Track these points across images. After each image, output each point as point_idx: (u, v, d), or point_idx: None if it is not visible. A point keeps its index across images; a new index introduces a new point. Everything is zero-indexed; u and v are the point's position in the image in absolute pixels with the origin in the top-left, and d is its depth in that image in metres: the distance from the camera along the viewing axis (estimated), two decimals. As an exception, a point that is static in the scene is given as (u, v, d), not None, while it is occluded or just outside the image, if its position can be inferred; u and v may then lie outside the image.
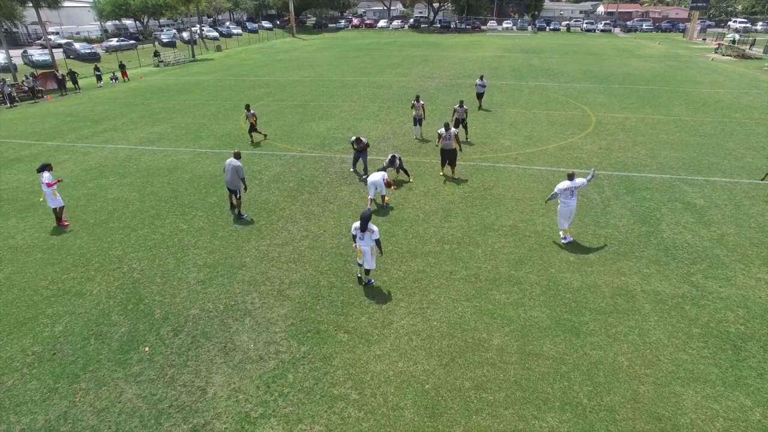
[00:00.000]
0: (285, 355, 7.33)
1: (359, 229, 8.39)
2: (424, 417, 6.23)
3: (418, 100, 17.42)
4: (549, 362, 7.11)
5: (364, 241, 8.43)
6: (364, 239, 8.41)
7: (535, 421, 6.14)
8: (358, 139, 13.86)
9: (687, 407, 6.31)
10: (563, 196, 10.03)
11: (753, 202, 12.37)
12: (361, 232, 8.37)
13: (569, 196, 10.00)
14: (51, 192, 11.29)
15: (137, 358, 7.36)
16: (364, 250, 8.48)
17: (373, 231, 8.35)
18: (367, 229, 8.32)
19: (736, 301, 8.42)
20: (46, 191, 11.29)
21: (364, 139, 14.02)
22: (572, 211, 10.19)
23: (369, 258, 8.53)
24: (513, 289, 8.83)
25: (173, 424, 6.20)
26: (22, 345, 7.66)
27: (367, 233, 8.35)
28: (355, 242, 8.58)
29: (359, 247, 8.50)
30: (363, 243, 8.44)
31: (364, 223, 8.32)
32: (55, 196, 11.41)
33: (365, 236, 8.38)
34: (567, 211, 10.15)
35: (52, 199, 11.40)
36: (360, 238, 8.43)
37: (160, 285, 9.21)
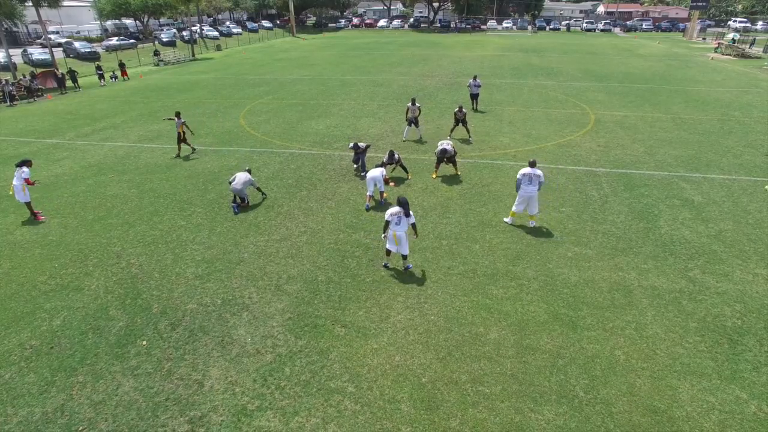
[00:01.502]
0: (282, 348, 7.34)
1: (401, 214, 8.59)
2: (421, 410, 6.24)
3: (414, 103, 17.13)
4: (546, 356, 7.12)
5: (400, 226, 8.64)
6: (401, 224, 8.62)
7: (531, 414, 6.15)
8: (356, 145, 13.87)
9: (683, 400, 6.32)
10: (523, 182, 10.41)
11: (751, 199, 12.37)
12: (405, 217, 8.60)
13: (528, 183, 10.40)
14: (21, 187, 11.42)
15: (135, 351, 7.38)
16: (400, 236, 8.66)
17: (410, 215, 8.66)
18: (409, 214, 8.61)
19: (733, 296, 8.43)
20: (17, 185, 11.44)
21: (362, 144, 14.02)
22: (531, 197, 10.52)
23: (405, 243, 8.78)
24: (510, 284, 8.84)
25: (170, 417, 6.21)
26: (20, 339, 7.67)
27: (404, 219, 8.62)
28: (387, 230, 8.76)
29: (395, 233, 8.65)
30: (399, 228, 8.64)
31: (406, 208, 8.57)
32: (24, 192, 11.53)
33: (403, 221, 8.61)
34: (525, 196, 10.53)
35: (20, 193, 11.51)
36: (396, 224, 8.63)
37: (158, 280, 9.22)
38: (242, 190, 11.81)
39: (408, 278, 9.07)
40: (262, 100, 25.61)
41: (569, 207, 12.03)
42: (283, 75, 34.74)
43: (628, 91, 27.14)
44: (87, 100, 27.64)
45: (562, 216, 11.56)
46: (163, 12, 58.73)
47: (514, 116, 21.20)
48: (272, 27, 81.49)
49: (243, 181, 11.71)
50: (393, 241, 8.78)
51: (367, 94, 26.85)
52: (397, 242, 8.74)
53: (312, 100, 25.13)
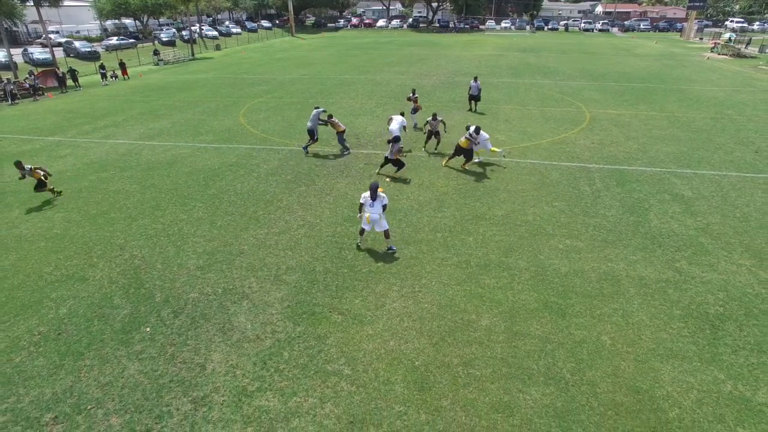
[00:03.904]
0: (281, 334, 7.62)
1: (369, 198, 9.27)
2: (414, 390, 6.52)
3: (414, 93, 18.71)
4: (535, 341, 7.41)
5: (374, 209, 9.26)
6: (374, 206, 9.26)
7: (519, 394, 6.44)
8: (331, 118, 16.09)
9: (664, 381, 6.61)
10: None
11: (739, 194, 12.67)
12: (372, 200, 9.26)
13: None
14: None
15: (139, 337, 7.65)
16: (373, 217, 9.29)
17: (383, 197, 9.38)
18: (377, 197, 9.25)
19: (717, 285, 8.73)
20: None
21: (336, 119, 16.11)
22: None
23: (379, 222, 9.39)
24: (502, 275, 9.12)
25: (174, 397, 6.49)
26: (29, 326, 7.95)
27: (377, 201, 9.27)
28: (362, 211, 9.46)
29: (368, 215, 9.24)
30: (373, 210, 9.26)
31: (373, 192, 9.23)
32: None
33: (375, 204, 9.26)
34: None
35: None
36: (370, 206, 9.28)
37: (160, 271, 9.49)
38: (314, 124, 15.38)
39: (403, 269, 9.36)
40: (261, 99, 25.88)
41: (562, 202, 12.32)
42: (282, 74, 35.02)
43: (624, 90, 27.45)
44: (88, 99, 27.89)
45: (554, 210, 11.84)
46: (163, 12, 59.01)
47: (510, 114, 21.49)
48: (271, 27, 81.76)
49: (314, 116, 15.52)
50: (366, 221, 9.41)
51: (366, 93, 27.13)
52: (369, 222, 9.39)
53: (311, 99, 25.38)
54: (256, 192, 13.16)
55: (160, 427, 6.06)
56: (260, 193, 13.08)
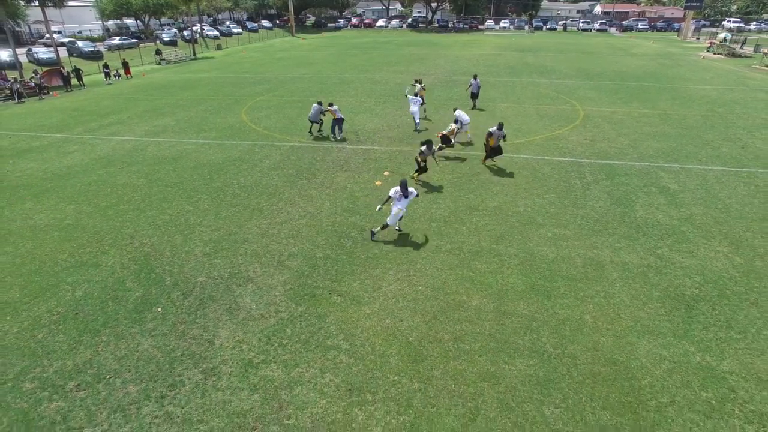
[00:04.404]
0: (284, 314, 8.15)
1: (400, 193, 9.92)
2: (408, 362, 7.05)
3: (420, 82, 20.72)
4: (521, 319, 7.94)
5: (401, 203, 9.98)
6: (402, 202, 9.97)
7: (505, 366, 6.97)
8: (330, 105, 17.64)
9: (640, 354, 7.14)
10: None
11: (722, 187, 13.20)
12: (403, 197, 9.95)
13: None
14: None
15: (151, 317, 8.18)
16: (402, 213, 10.13)
17: (413, 192, 10.11)
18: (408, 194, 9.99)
19: (695, 270, 9.26)
20: None
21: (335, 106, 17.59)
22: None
23: (394, 216, 10.09)
24: (493, 260, 9.65)
25: (185, 368, 7.02)
26: (48, 306, 8.48)
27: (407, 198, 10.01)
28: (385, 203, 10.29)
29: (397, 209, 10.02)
30: (401, 205, 10.00)
31: (404, 189, 9.89)
32: None
33: (404, 200, 9.97)
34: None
35: None
36: (398, 200, 9.96)
37: (169, 257, 10.03)
38: (316, 116, 17.49)
39: (399, 255, 9.88)
40: (262, 98, 26.41)
41: (552, 194, 12.84)
42: (283, 73, 35.55)
43: (619, 88, 27.97)
44: (92, 98, 28.43)
45: (545, 201, 12.37)
46: (164, 12, 59.53)
47: (506, 112, 22.01)
48: (272, 27, 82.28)
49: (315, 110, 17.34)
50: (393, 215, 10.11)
51: (365, 91, 27.66)
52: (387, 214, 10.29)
53: (311, 97, 25.85)
54: (259, 185, 13.69)
55: (174, 394, 6.59)
56: (263, 186, 13.61)
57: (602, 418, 6.10)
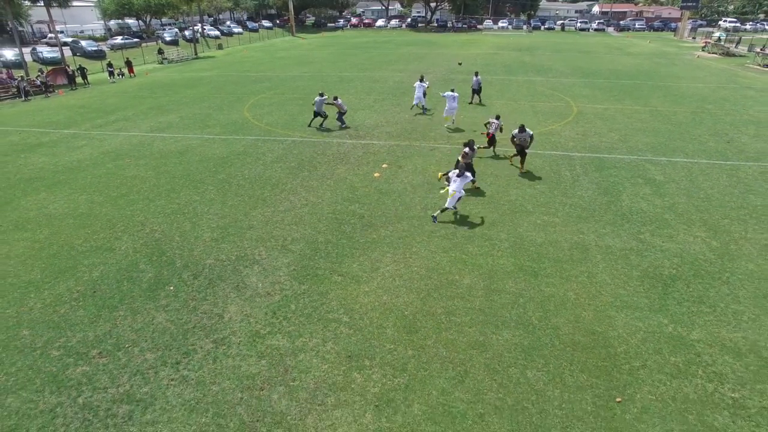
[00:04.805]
0: (288, 291, 8.75)
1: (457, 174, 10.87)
2: (403, 333, 7.65)
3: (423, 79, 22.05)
4: (509, 296, 8.54)
5: (456, 184, 10.78)
6: (456, 182, 10.78)
7: (493, 336, 7.56)
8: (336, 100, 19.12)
9: (617, 325, 7.74)
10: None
11: (706, 178, 13.80)
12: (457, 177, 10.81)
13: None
14: None
15: (164, 294, 8.77)
16: (451, 193, 10.88)
17: (467, 176, 10.96)
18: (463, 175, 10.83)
19: (674, 252, 9.86)
20: None
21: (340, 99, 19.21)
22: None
23: (450, 198, 10.90)
24: (484, 244, 10.25)
25: (197, 339, 7.62)
26: (68, 286, 9.07)
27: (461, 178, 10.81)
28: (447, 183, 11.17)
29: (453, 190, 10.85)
30: (455, 185, 10.79)
31: (462, 170, 10.88)
32: None
33: (459, 181, 10.77)
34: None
35: None
36: (453, 181, 10.84)
37: (179, 242, 10.62)
38: (320, 107, 18.56)
39: (396, 240, 10.48)
40: (264, 95, 27.00)
41: (543, 184, 13.44)
42: (283, 72, 36.15)
43: (613, 86, 28.58)
44: (97, 96, 29.02)
45: (535, 191, 12.97)
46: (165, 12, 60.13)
47: (501, 108, 22.57)
48: (272, 27, 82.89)
49: (318, 101, 18.61)
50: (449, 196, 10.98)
51: (364, 89, 28.26)
52: (448, 196, 11.02)
53: (312, 95, 26.35)
54: (263, 177, 14.29)
55: (188, 360, 7.18)
56: (266, 178, 14.20)
57: (580, 379, 6.70)
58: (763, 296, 8.37)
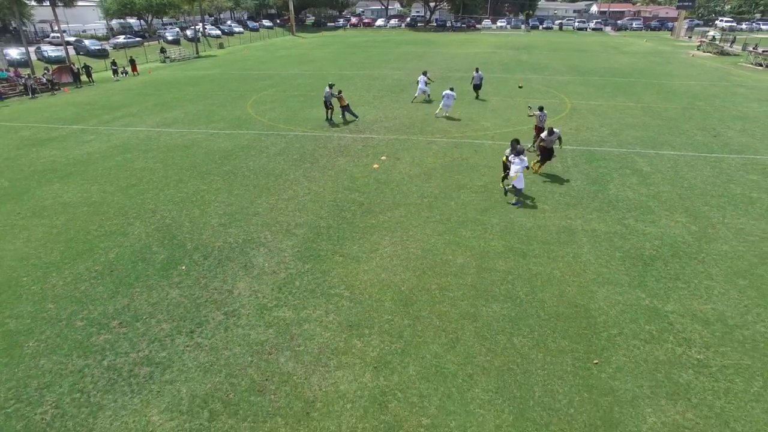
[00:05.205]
0: (293, 270, 9.37)
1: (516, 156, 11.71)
2: (399, 305, 8.27)
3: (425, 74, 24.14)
4: (499, 274, 9.16)
5: (517, 165, 11.58)
6: (517, 163, 11.57)
7: (483, 308, 8.19)
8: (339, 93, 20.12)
9: (598, 299, 8.36)
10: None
11: (690, 169, 14.43)
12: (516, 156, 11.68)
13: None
14: None
15: (177, 273, 9.39)
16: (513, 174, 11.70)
17: (524, 159, 11.71)
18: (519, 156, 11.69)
19: (655, 235, 10.48)
20: None
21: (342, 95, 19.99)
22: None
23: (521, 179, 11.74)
24: (477, 228, 10.88)
25: (209, 311, 8.23)
26: (86, 266, 9.69)
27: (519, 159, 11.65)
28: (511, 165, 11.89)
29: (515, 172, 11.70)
30: (517, 166, 11.61)
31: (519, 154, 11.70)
32: None
33: (517, 161, 11.57)
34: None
35: None
36: (513, 163, 11.65)
37: (189, 227, 11.24)
38: (328, 99, 19.67)
39: (394, 225, 11.10)
40: (266, 92, 27.62)
41: (535, 175, 14.04)
42: (284, 70, 36.77)
43: (607, 84, 29.21)
44: (102, 93, 29.63)
45: (527, 181, 13.48)
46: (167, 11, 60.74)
47: (497, 105, 23.25)
48: (272, 26, 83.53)
49: (327, 92, 19.72)
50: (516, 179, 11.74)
51: (364, 86, 28.88)
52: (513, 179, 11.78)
53: (312, 92, 27.11)
54: (267, 168, 14.91)
55: (201, 330, 7.80)
56: (270, 169, 14.82)
57: (561, 344, 7.32)
58: (733, 273, 9.00)
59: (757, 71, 34.74)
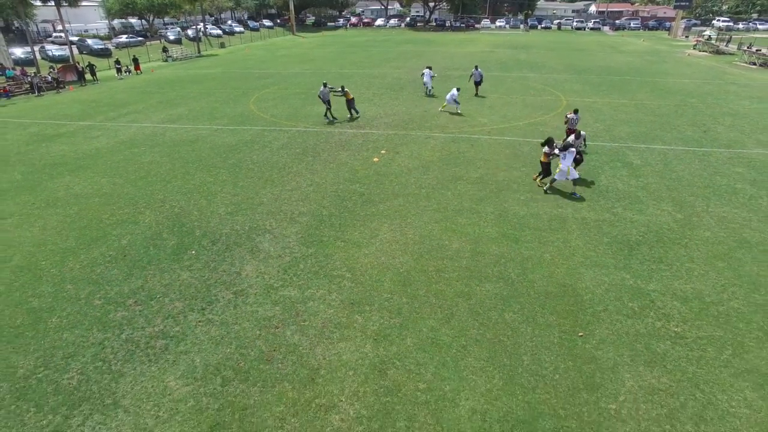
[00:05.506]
0: (297, 254, 9.89)
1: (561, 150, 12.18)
2: (398, 285, 8.79)
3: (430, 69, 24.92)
4: (492, 257, 9.68)
5: (566, 160, 12.02)
6: (566, 158, 12.01)
7: (476, 287, 8.71)
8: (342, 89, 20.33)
9: (585, 279, 8.88)
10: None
11: (679, 162, 14.95)
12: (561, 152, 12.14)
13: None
14: None
15: (187, 257, 9.91)
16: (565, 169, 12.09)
17: (572, 151, 12.19)
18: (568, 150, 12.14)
19: (642, 223, 11.01)
20: None
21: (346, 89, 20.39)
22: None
23: (573, 171, 12.15)
24: (472, 216, 11.40)
25: (219, 291, 8.75)
26: (101, 251, 10.21)
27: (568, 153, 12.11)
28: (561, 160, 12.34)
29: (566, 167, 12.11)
30: (566, 161, 12.06)
31: (564, 147, 12.16)
32: None
33: (566, 155, 12.01)
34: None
35: None
36: (563, 158, 12.07)
37: (197, 216, 11.76)
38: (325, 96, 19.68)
39: (393, 213, 11.62)
40: (267, 90, 28.14)
41: (529, 168, 14.57)
42: (285, 69, 37.29)
43: (602, 82, 29.74)
44: (107, 91, 30.13)
45: (521, 174, 14.10)
46: (168, 11, 61.27)
47: (494, 102, 23.78)
48: (273, 26, 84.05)
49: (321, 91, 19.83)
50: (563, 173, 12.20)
51: (364, 84, 29.40)
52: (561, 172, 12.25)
53: (313, 90, 27.56)
54: (270, 161, 15.43)
55: (212, 307, 8.32)
56: (274, 162, 15.34)
57: (549, 319, 7.84)
58: (713, 257, 9.53)
59: (750, 70, 35.29)
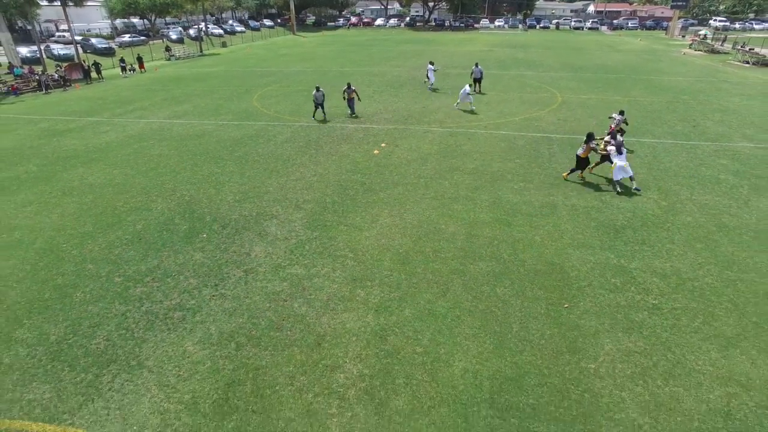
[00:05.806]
0: (302, 237, 10.52)
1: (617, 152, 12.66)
2: (397, 264, 9.42)
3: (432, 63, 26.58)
4: (486, 239, 10.31)
5: (619, 158, 12.50)
6: (618, 157, 12.56)
7: (470, 266, 9.33)
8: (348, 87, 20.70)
9: (573, 258, 9.51)
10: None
11: (667, 154, 15.58)
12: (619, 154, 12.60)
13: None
14: None
15: (198, 240, 10.54)
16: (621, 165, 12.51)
17: (623, 152, 12.69)
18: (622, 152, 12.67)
19: (628, 209, 11.64)
20: None
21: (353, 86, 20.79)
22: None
23: (627, 168, 12.54)
24: (468, 203, 12.03)
25: (230, 269, 9.38)
26: (117, 235, 10.84)
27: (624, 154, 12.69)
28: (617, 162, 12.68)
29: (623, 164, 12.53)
30: (620, 160, 12.50)
31: (619, 148, 12.67)
32: None
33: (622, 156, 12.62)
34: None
35: None
36: (616, 156, 12.59)
37: (206, 203, 12.39)
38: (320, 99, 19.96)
39: (392, 200, 12.26)
40: (270, 88, 28.77)
41: (523, 159, 15.22)
42: (286, 68, 37.92)
43: (598, 79, 30.37)
44: (112, 89, 30.76)
45: (515, 165, 14.74)
46: (170, 11, 61.91)
47: (491, 99, 24.41)
48: (273, 26, 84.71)
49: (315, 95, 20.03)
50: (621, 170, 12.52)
51: (364, 82, 30.02)
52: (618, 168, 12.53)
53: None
54: (275, 154, 16.06)
55: (224, 284, 8.95)
56: (278, 155, 15.97)
57: (537, 293, 8.47)
58: (693, 239, 10.16)
59: (743, 68, 35.92)
